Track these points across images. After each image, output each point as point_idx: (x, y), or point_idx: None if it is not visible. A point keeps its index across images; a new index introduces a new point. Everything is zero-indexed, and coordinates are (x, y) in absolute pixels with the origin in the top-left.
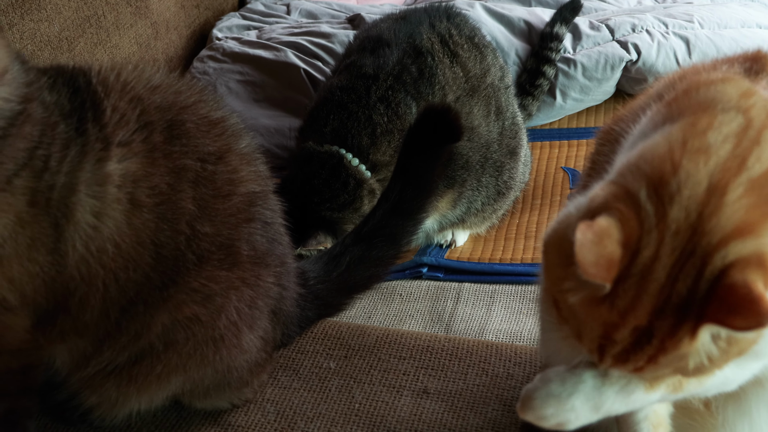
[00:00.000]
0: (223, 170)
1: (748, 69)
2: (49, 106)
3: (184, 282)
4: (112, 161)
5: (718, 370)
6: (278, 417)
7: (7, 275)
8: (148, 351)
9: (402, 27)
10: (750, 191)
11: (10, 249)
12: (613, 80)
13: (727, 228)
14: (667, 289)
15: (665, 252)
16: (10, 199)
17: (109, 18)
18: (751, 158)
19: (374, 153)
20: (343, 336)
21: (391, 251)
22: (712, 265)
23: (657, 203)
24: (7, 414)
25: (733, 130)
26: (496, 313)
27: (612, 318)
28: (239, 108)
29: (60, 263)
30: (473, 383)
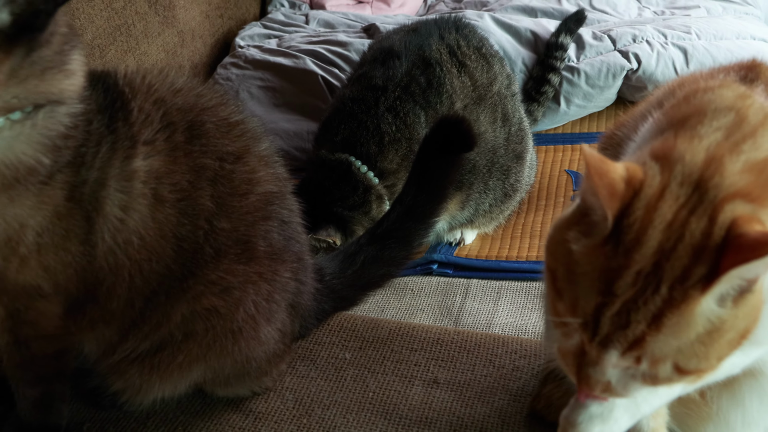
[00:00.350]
0: (241, 170)
1: (743, 77)
2: (88, 105)
3: (202, 274)
4: (138, 158)
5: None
6: (296, 404)
7: (43, 264)
8: (169, 340)
9: (412, 39)
10: (749, 170)
11: (48, 239)
12: (614, 88)
13: (731, 189)
14: (678, 229)
15: (671, 195)
16: (51, 192)
17: (138, 27)
18: (746, 145)
19: (381, 161)
20: (358, 328)
21: (403, 252)
22: (724, 212)
23: (661, 163)
24: (43, 397)
25: (723, 123)
26: (502, 308)
27: (615, 262)
28: (260, 112)
29: (90, 254)
30: (481, 374)
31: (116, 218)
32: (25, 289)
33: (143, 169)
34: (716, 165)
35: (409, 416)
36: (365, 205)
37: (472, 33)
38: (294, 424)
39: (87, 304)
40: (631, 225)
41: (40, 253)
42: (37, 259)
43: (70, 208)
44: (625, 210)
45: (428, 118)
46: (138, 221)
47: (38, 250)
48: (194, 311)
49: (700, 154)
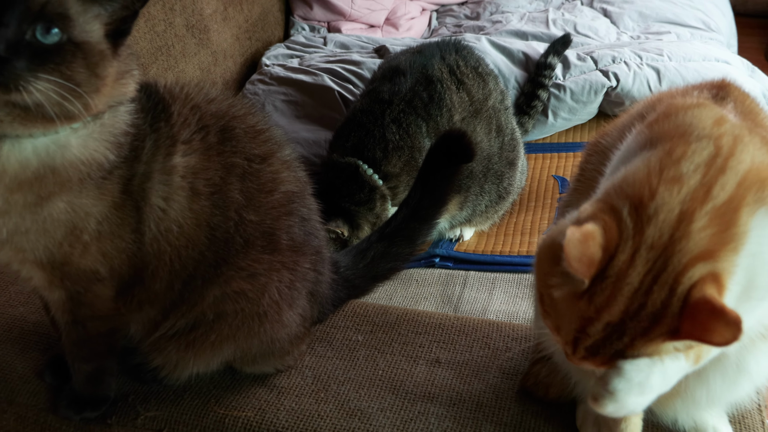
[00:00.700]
0: (267, 170)
1: (715, 95)
2: (137, 105)
3: (233, 261)
4: (178, 155)
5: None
6: (315, 380)
7: (102, 250)
8: (202, 320)
9: (417, 59)
10: (712, 220)
11: (106, 227)
12: (596, 103)
13: (693, 252)
14: (642, 296)
15: (640, 261)
16: (110, 186)
17: (177, 48)
18: (716, 187)
19: (386, 165)
20: (369, 314)
21: (408, 249)
22: (683, 283)
23: (636, 220)
24: (95, 372)
25: (703, 159)
26: (496, 297)
27: (588, 312)
28: (283, 123)
29: (140, 240)
30: (477, 355)
31: (159, 208)
32: (85, 273)
33: (182, 164)
34: (686, 225)
35: (414, 391)
36: (370, 203)
37: (470, 54)
38: (312, 397)
39: (135, 286)
40: (603, 289)
41: (99, 240)
42: (97, 245)
43: (124, 200)
44: (600, 273)
45: (429, 129)
46: (177, 211)
47: (98, 237)
48: (225, 293)
49: (675, 210)
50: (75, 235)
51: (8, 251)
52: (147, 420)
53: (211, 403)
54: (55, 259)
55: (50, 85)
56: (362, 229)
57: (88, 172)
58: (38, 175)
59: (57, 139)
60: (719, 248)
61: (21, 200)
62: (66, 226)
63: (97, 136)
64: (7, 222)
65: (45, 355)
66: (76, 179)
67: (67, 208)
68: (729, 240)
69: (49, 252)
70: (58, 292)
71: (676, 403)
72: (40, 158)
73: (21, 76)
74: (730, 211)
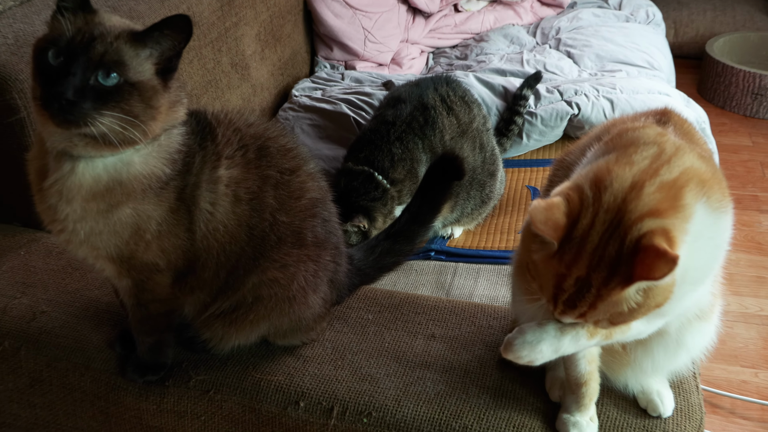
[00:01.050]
0: (295, 180)
1: (658, 120)
2: (187, 128)
3: (268, 255)
4: (222, 168)
5: (638, 322)
6: (333, 351)
7: (161, 247)
8: (243, 302)
9: (415, 90)
10: (661, 189)
11: (165, 228)
12: (561, 127)
13: (643, 210)
14: (600, 250)
15: (599, 222)
16: (167, 194)
17: (223, 81)
18: (663, 170)
19: (392, 173)
20: (377, 297)
21: (408, 246)
22: (632, 234)
23: (595, 191)
24: (156, 343)
25: (651, 153)
26: (480, 284)
27: (561, 270)
28: (309, 143)
29: (192, 238)
30: (465, 331)
31: (207, 212)
32: (147, 265)
33: (225, 176)
34: (637, 190)
35: (413, 360)
36: (383, 200)
37: (458, 86)
38: (331, 365)
39: (188, 275)
40: (570, 249)
41: (159, 238)
42: (157, 243)
43: (179, 205)
44: (567, 235)
45: (425, 145)
46: (222, 214)
47: (158, 236)
48: (261, 281)
49: (626, 180)
50: (139, 234)
51: (86, 249)
52: (197, 383)
53: (250, 369)
54: (123, 255)
55: (113, 119)
56: (377, 221)
57: (149, 183)
58: (108, 187)
59: (122, 158)
60: (668, 211)
61: (95, 208)
62: (132, 228)
63: (155, 155)
64: (84, 226)
65: (115, 330)
66: (140, 190)
67: (132, 213)
68: (677, 209)
69: (118, 249)
70: (126, 280)
71: (626, 372)
72: (109, 174)
73: (88, 115)
74: (676, 187)
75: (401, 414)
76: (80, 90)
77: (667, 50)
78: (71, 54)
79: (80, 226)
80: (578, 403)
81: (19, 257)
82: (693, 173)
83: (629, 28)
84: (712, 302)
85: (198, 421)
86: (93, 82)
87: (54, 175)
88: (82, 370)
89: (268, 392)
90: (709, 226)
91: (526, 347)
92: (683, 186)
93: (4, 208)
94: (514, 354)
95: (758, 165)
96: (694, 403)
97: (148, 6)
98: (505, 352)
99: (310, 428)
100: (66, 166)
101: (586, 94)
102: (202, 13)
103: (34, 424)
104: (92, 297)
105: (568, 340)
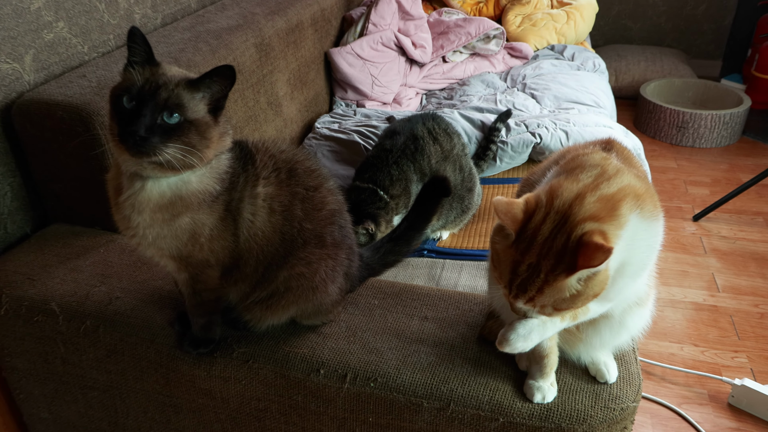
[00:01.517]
0: (317, 196)
1: (604, 147)
2: (234, 154)
3: (295, 254)
4: (260, 186)
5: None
6: (347, 329)
7: (212, 248)
8: (276, 291)
9: (407, 124)
10: (600, 200)
11: (215, 233)
12: (527, 153)
13: (585, 215)
14: (550, 242)
15: (549, 220)
16: (217, 206)
17: (261, 116)
18: (603, 185)
19: (391, 189)
20: (382, 287)
21: (406, 248)
22: (576, 232)
23: (548, 198)
24: (207, 323)
25: (594, 173)
26: (464, 277)
27: (516, 257)
28: (328, 165)
29: (236, 241)
30: (452, 314)
31: (249, 220)
32: (201, 262)
33: (263, 192)
34: (580, 199)
35: (410, 337)
36: (385, 209)
37: (441, 120)
38: (345, 340)
39: (233, 270)
40: (524, 239)
41: (210, 241)
42: (209, 245)
43: (226, 215)
44: (522, 228)
45: (415, 168)
46: (260, 222)
47: (210, 239)
48: (290, 274)
49: (573, 192)
50: (195, 238)
51: (153, 249)
52: (239, 354)
53: (281, 343)
54: (182, 254)
55: (175, 150)
56: (381, 226)
57: (203, 198)
58: (171, 201)
59: (182, 178)
60: (605, 217)
61: (160, 218)
62: (189, 233)
63: (208, 175)
64: (152, 232)
65: (174, 312)
66: (196, 203)
67: (190, 221)
68: (613, 217)
69: (178, 250)
70: (184, 274)
71: (579, 347)
72: (172, 190)
73: (156, 147)
74: (614, 201)
75: (401, 380)
76: (150, 128)
77: (609, 92)
78: (141, 99)
79: (149, 232)
80: (541, 372)
81: (99, 254)
82: (629, 189)
83: (580, 75)
84: (648, 292)
85: (239, 384)
86: (159, 121)
87: (127, 192)
88: (148, 344)
89: (295, 362)
90: (642, 231)
91: (520, 339)
92: (620, 200)
93: (88, 215)
94: (511, 346)
95: (682, 182)
96: (634, 371)
97: (202, 57)
98: (502, 346)
99: (328, 391)
100: (137, 184)
101: (546, 126)
102: (244, 63)
103: (109, 386)
104: (156, 286)
105: (550, 326)
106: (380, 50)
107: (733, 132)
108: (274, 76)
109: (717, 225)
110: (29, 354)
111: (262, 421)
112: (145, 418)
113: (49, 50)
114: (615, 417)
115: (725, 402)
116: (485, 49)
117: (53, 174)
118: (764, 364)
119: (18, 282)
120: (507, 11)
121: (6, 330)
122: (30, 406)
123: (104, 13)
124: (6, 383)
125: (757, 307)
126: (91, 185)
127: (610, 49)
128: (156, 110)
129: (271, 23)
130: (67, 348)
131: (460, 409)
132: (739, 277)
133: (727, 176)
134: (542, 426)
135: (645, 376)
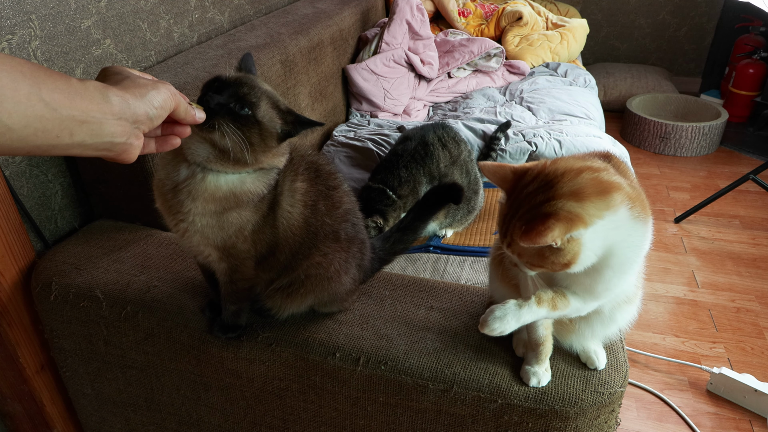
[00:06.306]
0: (336, 195)
1: (602, 159)
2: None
3: (316, 246)
4: (298, 181)
5: (575, 301)
6: (360, 317)
7: (254, 240)
8: (296, 279)
9: (418, 132)
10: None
11: (258, 228)
12: (523, 160)
13: (572, 188)
14: (530, 200)
15: (536, 182)
16: (262, 205)
17: None
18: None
19: (400, 190)
20: (392, 279)
21: (413, 237)
22: (550, 204)
23: (543, 166)
24: (237, 310)
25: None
26: (466, 271)
27: (504, 211)
28: (344, 169)
29: (275, 233)
30: (455, 304)
31: (288, 212)
32: (242, 253)
33: (300, 187)
34: (577, 173)
35: (417, 325)
36: (393, 206)
37: (450, 129)
38: (359, 327)
39: (267, 259)
40: (510, 196)
41: (253, 234)
42: (251, 238)
43: (268, 212)
44: (513, 188)
45: (424, 172)
46: (297, 214)
47: (253, 233)
48: (310, 263)
49: (574, 166)
50: (240, 232)
51: (199, 237)
52: (264, 338)
53: (300, 329)
54: (226, 245)
55: (234, 136)
56: (389, 220)
57: (252, 197)
58: (225, 196)
59: (239, 177)
60: (592, 195)
61: (212, 209)
62: (235, 227)
63: (261, 179)
64: (201, 219)
65: (205, 300)
66: (245, 201)
67: (237, 216)
68: (602, 198)
69: (223, 241)
70: (224, 264)
71: (572, 337)
72: (228, 186)
73: (220, 123)
74: (608, 186)
75: (409, 363)
76: (221, 105)
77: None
78: (223, 85)
79: (198, 219)
80: (537, 358)
81: (140, 247)
82: (625, 188)
83: (572, 90)
84: (635, 291)
85: (263, 365)
86: (232, 106)
87: (187, 180)
88: (182, 328)
89: (314, 346)
90: (629, 228)
91: (497, 321)
92: (614, 188)
93: (130, 213)
94: (488, 328)
95: (664, 188)
96: (621, 359)
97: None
98: (481, 328)
99: (343, 372)
100: (198, 175)
101: (541, 136)
102: (271, 77)
103: (146, 366)
104: (190, 276)
105: (525, 311)
106: (392, 66)
107: (711, 142)
108: (297, 89)
109: (696, 227)
110: (75, 336)
111: (283, 398)
112: (177, 395)
113: (97, 64)
114: (604, 400)
115: (704, 388)
116: (486, 66)
117: (100, 176)
118: (740, 354)
119: (66, 271)
120: (506, 32)
121: (55, 314)
122: (75, 383)
123: (146, 32)
124: (54, 362)
125: (734, 302)
126: (134, 186)
127: (599, 66)
128: (231, 97)
129: (295, 42)
130: (109, 331)
131: (462, 390)
132: (717, 274)
133: (705, 182)
134: (537, 407)
135: (630, 363)
